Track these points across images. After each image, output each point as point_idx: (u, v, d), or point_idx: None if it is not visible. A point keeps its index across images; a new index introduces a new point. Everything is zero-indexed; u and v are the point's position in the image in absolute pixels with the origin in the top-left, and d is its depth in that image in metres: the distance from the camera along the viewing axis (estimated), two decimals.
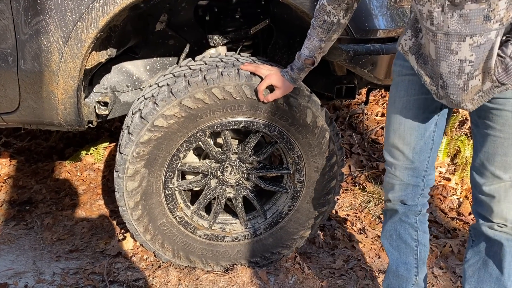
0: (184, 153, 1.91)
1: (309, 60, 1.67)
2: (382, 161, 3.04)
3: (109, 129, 3.33)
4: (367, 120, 3.41)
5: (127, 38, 2.05)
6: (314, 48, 1.64)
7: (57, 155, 3.10)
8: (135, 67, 2.20)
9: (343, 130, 3.31)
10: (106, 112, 2.06)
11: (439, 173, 2.91)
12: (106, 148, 3.09)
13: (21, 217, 2.55)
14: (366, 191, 2.77)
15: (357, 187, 2.84)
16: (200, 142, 1.91)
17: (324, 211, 2.11)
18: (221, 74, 1.81)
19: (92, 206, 2.63)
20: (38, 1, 1.68)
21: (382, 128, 3.30)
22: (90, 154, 3.04)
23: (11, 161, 3.03)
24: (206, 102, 1.82)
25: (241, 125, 1.89)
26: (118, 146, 1.92)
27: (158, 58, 2.22)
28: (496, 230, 1.50)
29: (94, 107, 2.04)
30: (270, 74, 1.77)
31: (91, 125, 2.07)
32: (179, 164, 1.93)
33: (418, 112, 1.50)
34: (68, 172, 2.92)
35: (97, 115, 2.08)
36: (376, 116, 3.44)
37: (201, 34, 2.20)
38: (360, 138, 3.25)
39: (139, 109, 1.87)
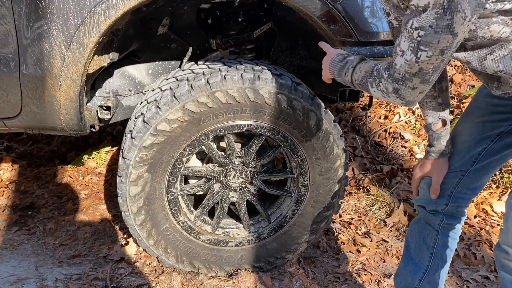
0: (187, 157, 1.90)
1: (438, 123, 1.46)
2: (385, 164, 3.02)
3: (111, 133, 3.31)
4: (370, 122, 3.39)
5: (129, 42, 2.04)
6: (434, 109, 1.44)
7: (59, 159, 3.09)
8: (138, 71, 2.19)
9: (346, 133, 3.29)
10: (109, 116, 2.05)
11: None
12: (108, 152, 3.08)
13: (23, 222, 2.54)
14: (370, 194, 2.76)
15: (361, 190, 2.82)
16: (203, 146, 1.90)
17: (328, 215, 2.09)
18: (224, 77, 1.80)
19: (94, 211, 2.61)
20: (40, 6, 1.67)
21: (385, 130, 3.28)
22: (92, 158, 3.03)
23: (13, 166, 3.02)
24: (209, 106, 1.80)
25: (245, 128, 1.88)
26: (121, 151, 1.91)
27: (161, 62, 2.21)
28: (505, 260, 1.32)
29: (97, 111, 2.03)
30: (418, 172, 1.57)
31: (94, 130, 2.06)
32: (182, 169, 1.91)
33: (469, 136, 1.44)
34: (70, 177, 2.91)
35: (100, 120, 2.07)
36: (379, 118, 3.42)
37: (204, 37, 2.19)
38: (364, 140, 3.23)
39: (142, 114, 1.86)
